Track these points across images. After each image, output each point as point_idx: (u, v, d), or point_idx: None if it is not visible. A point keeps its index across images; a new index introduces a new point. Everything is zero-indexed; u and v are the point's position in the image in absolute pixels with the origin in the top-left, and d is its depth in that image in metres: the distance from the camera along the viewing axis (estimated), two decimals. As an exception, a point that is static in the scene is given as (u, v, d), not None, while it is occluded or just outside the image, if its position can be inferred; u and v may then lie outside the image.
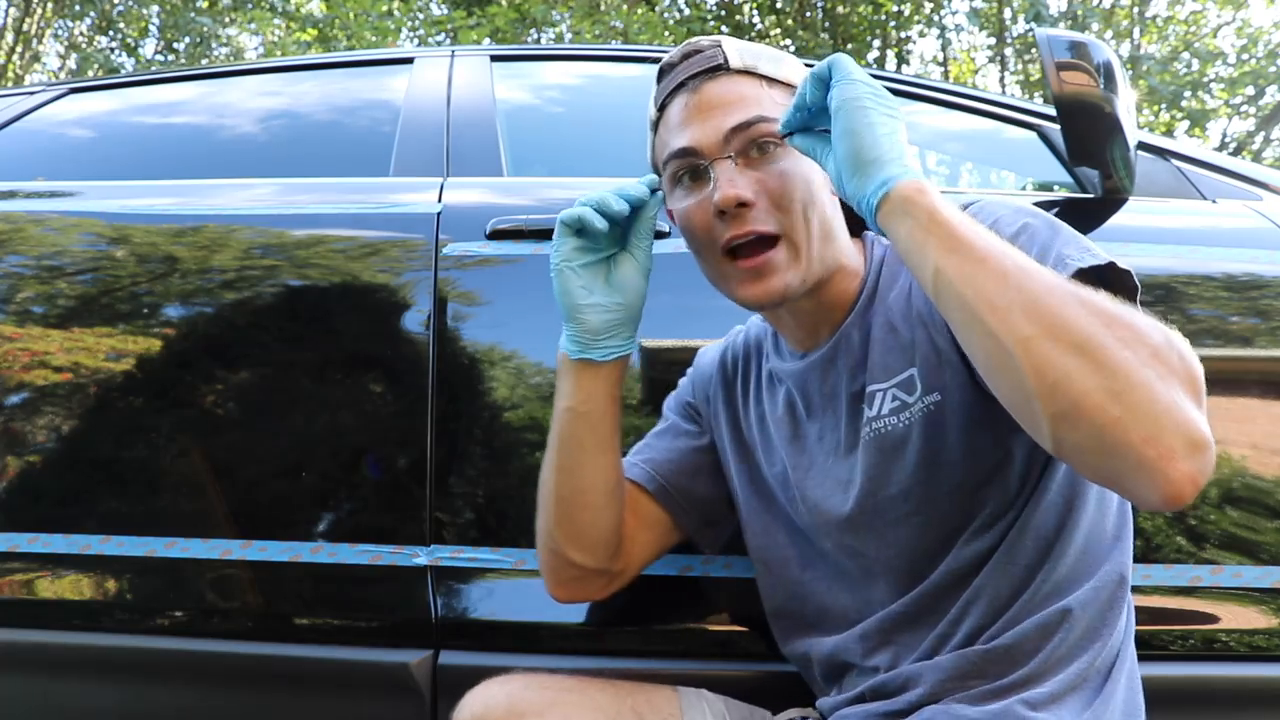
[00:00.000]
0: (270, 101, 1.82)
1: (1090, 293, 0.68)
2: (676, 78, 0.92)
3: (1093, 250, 0.78)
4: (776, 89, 0.90)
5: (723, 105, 0.88)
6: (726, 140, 0.87)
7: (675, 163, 0.91)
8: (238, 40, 9.06)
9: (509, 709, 0.94)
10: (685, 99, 0.90)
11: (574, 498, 0.97)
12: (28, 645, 1.24)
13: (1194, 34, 9.71)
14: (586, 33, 8.12)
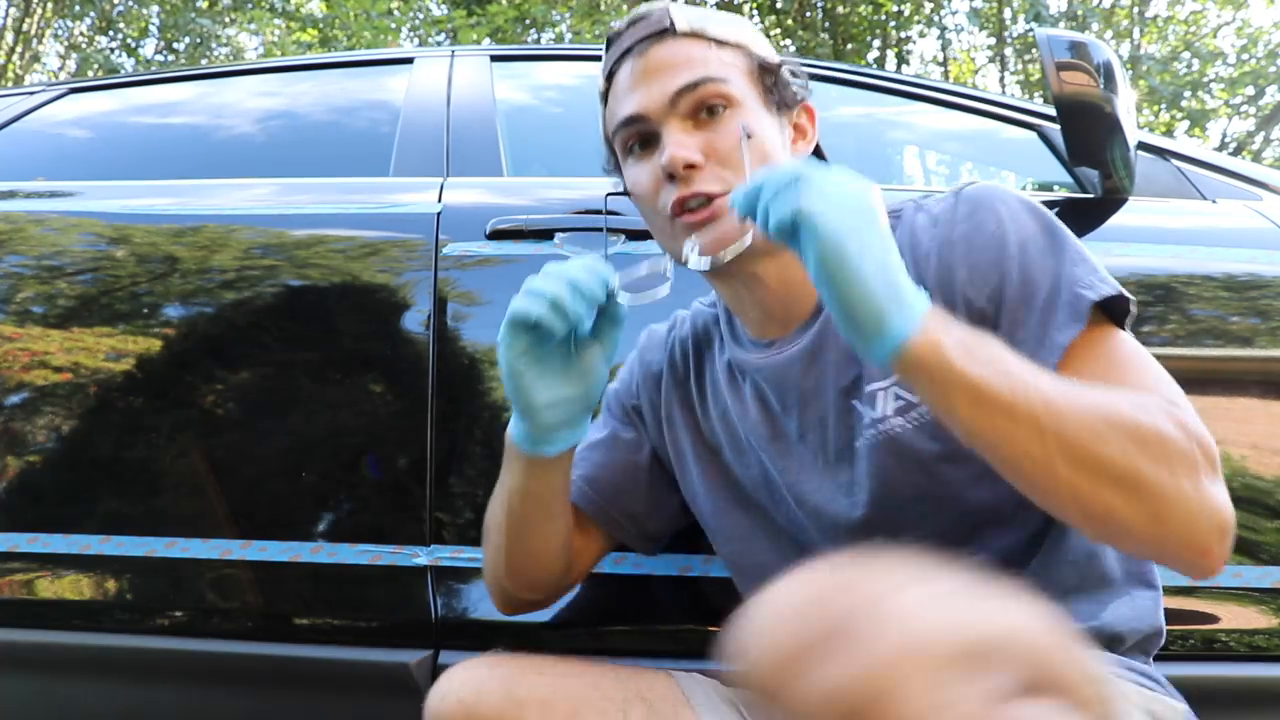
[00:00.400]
0: (270, 101, 1.82)
1: (1115, 406, 0.68)
2: (622, 44, 0.90)
3: (1097, 270, 0.78)
4: (726, 50, 0.88)
5: (669, 68, 0.86)
6: (673, 103, 0.85)
7: (624, 131, 0.88)
8: (237, 40, 9.06)
9: (506, 696, 0.86)
10: (631, 65, 0.88)
11: (526, 560, 0.95)
12: (28, 645, 1.24)
13: (1194, 34, 9.71)
14: (586, 33, 8.12)
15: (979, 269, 0.80)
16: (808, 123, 0.95)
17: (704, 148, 0.84)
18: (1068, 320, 0.76)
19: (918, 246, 0.84)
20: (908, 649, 0.48)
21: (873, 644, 0.48)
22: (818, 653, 0.49)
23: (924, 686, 0.46)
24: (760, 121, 0.87)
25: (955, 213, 0.83)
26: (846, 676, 0.47)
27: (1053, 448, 0.66)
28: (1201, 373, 1.25)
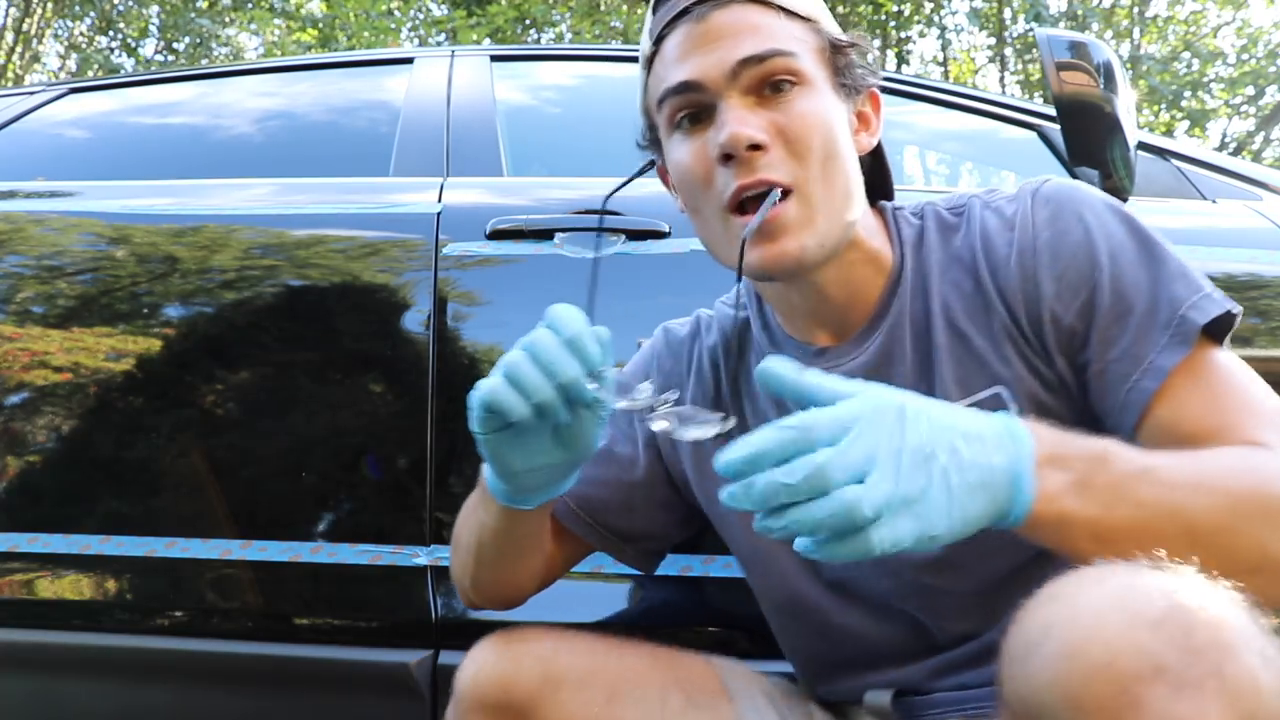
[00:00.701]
0: (270, 102, 1.82)
1: (1242, 486, 0.61)
2: (677, 5, 0.78)
3: (1201, 286, 0.72)
4: (795, 22, 0.78)
5: (733, 34, 0.75)
6: (734, 74, 0.75)
7: (674, 100, 0.78)
8: (237, 40, 9.06)
9: (543, 675, 0.82)
10: (688, 29, 0.77)
11: (494, 585, 0.91)
12: (28, 645, 1.24)
13: (1194, 34, 9.71)
14: (586, 33, 8.12)
15: (1066, 281, 0.74)
16: (872, 111, 0.86)
17: (769, 128, 0.75)
18: (1172, 343, 0.70)
19: (993, 251, 0.78)
20: (1275, 716, 0.45)
21: (1251, 699, 0.44)
22: (1176, 683, 0.44)
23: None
24: (829, 108, 0.78)
25: (1035, 216, 0.77)
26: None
27: (1181, 553, 0.55)
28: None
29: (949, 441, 0.56)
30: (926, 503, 0.55)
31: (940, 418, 0.57)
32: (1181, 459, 0.62)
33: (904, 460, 0.55)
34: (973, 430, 0.57)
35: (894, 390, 0.59)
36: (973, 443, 0.57)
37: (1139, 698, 0.44)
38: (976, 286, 0.78)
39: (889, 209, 0.86)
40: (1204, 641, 0.45)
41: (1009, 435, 0.58)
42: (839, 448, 0.54)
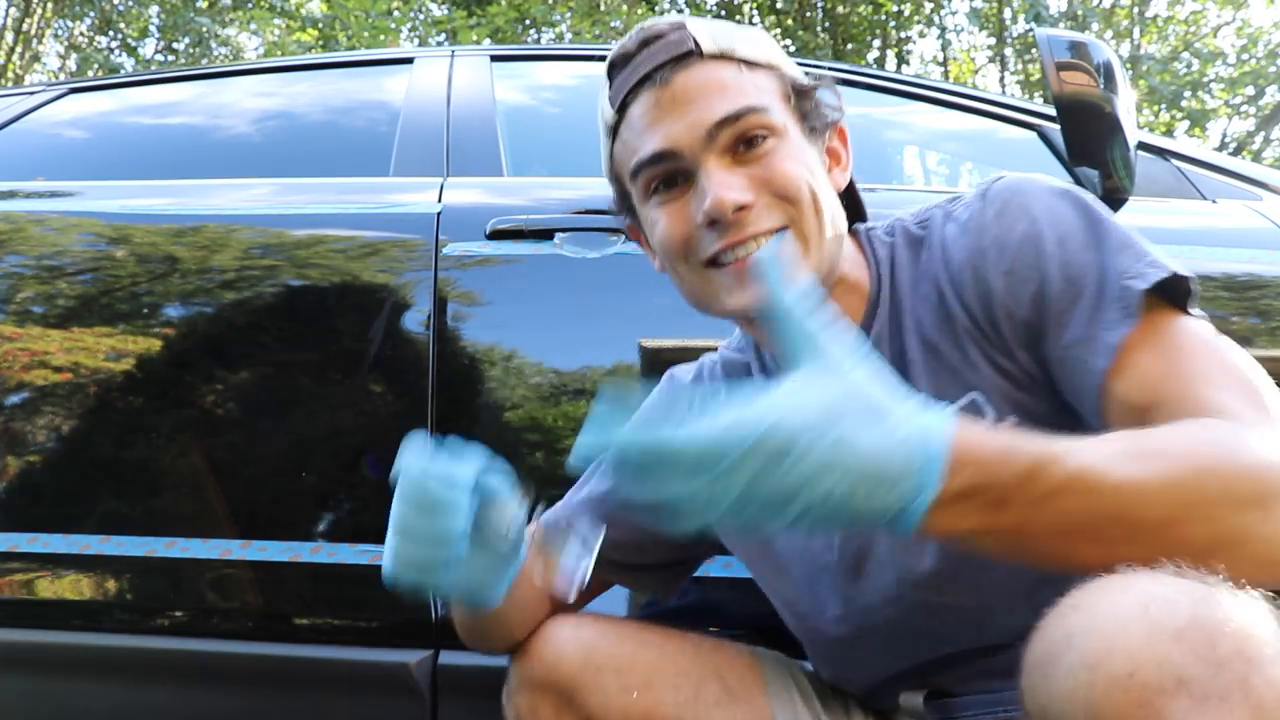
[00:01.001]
0: (270, 102, 1.82)
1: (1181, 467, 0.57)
2: (638, 70, 0.78)
3: (1145, 253, 0.71)
4: (758, 73, 0.78)
5: (701, 96, 0.75)
6: (710, 137, 0.75)
7: (649, 170, 0.78)
8: (237, 40, 9.06)
9: (585, 660, 0.86)
10: (653, 94, 0.76)
11: (484, 643, 0.92)
12: (28, 645, 1.24)
13: (1194, 34, 9.71)
14: (586, 33, 8.12)
15: (1016, 275, 0.74)
16: (840, 145, 0.86)
17: (751, 186, 0.75)
18: (1119, 318, 0.69)
19: (951, 262, 0.78)
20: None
21: (1275, 711, 0.43)
22: (1199, 696, 0.43)
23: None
24: (803, 154, 0.78)
25: (984, 216, 0.77)
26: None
27: (1126, 548, 0.55)
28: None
29: (821, 492, 0.53)
30: (763, 529, 0.55)
31: (830, 463, 0.52)
32: (1126, 447, 0.58)
33: (755, 504, 0.53)
34: (873, 472, 0.53)
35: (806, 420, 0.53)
36: (864, 489, 0.53)
37: (1161, 711, 0.43)
38: (940, 298, 0.78)
39: (862, 232, 0.86)
40: (1228, 653, 0.44)
41: (907, 476, 0.54)
42: (694, 486, 0.53)
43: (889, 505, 0.54)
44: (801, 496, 0.52)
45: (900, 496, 0.54)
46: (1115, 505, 0.56)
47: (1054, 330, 0.72)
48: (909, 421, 0.55)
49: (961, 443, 0.55)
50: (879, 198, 1.52)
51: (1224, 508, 0.56)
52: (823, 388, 0.55)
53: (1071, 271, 0.72)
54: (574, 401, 1.26)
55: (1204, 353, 0.68)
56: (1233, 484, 0.56)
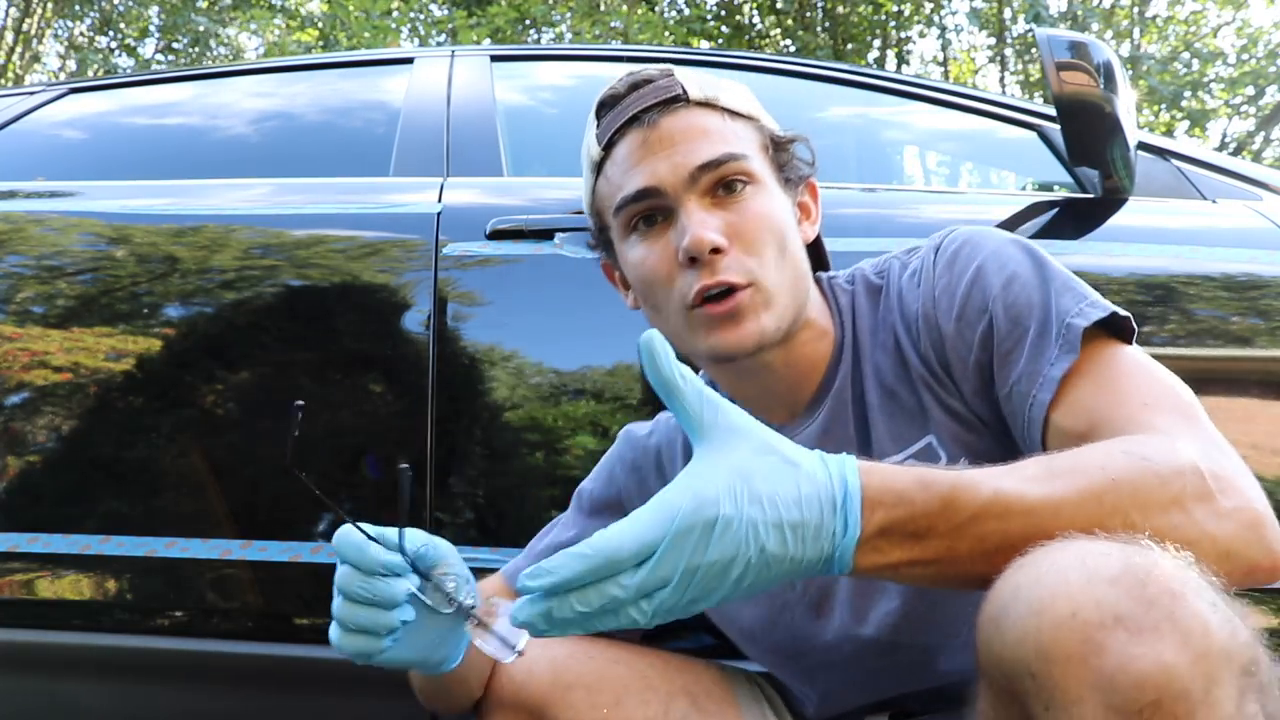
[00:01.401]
0: (270, 102, 1.82)
1: (1098, 481, 0.60)
2: (626, 111, 0.82)
3: (1086, 295, 0.74)
4: (739, 122, 0.83)
5: (685, 139, 0.80)
6: (693, 179, 0.79)
7: (632, 206, 0.81)
8: (237, 40, 9.06)
9: (554, 679, 0.88)
10: (639, 135, 0.81)
11: (450, 705, 0.93)
12: (28, 645, 1.24)
13: (1194, 34, 9.71)
14: (586, 33, 8.12)
15: (966, 319, 0.77)
16: (811, 200, 0.90)
17: (726, 230, 0.78)
18: (1061, 353, 0.72)
19: (906, 311, 0.82)
20: (1225, 653, 0.48)
21: (1201, 639, 0.47)
22: (1134, 629, 0.48)
23: (1229, 695, 0.47)
24: (777, 203, 0.82)
25: (935, 267, 0.81)
26: (1167, 661, 0.47)
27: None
28: (1201, 373, 1.24)
29: (758, 546, 0.56)
30: (711, 599, 0.58)
31: (758, 519, 0.56)
32: (1038, 470, 0.61)
33: (698, 576, 0.56)
34: (796, 523, 0.57)
35: (725, 485, 0.57)
36: (792, 540, 0.57)
37: (1101, 644, 0.48)
38: (897, 345, 0.82)
39: (825, 280, 0.89)
40: (1157, 591, 0.49)
41: (828, 520, 0.57)
42: (636, 581, 0.56)
43: (820, 550, 0.58)
44: (739, 558, 0.56)
45: (828, 540, 0.58)
46: (1032, 524, 0.58)
47: (1001, 368, 0.75)
48: (819, 468, 0.59)
49: (873, 482, 0.59)
50: (879, 197, 1.52)
51: (1140, 513, 0.58)
52: (730, 452, 0.59)
53: (1016, 311, 0.75)
54: (574, 401, 1.26)
55: (1139, 377, 0.71)
56: (1147, 490, 0.59)
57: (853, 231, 1.29)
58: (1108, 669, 0.47)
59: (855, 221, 1.32)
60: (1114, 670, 0.47)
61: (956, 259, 0.79)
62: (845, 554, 0.58)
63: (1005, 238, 0.80)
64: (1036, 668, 0.50)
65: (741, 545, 0.56)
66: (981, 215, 1.37)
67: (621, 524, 0.57)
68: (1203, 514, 0.59)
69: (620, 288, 0.92)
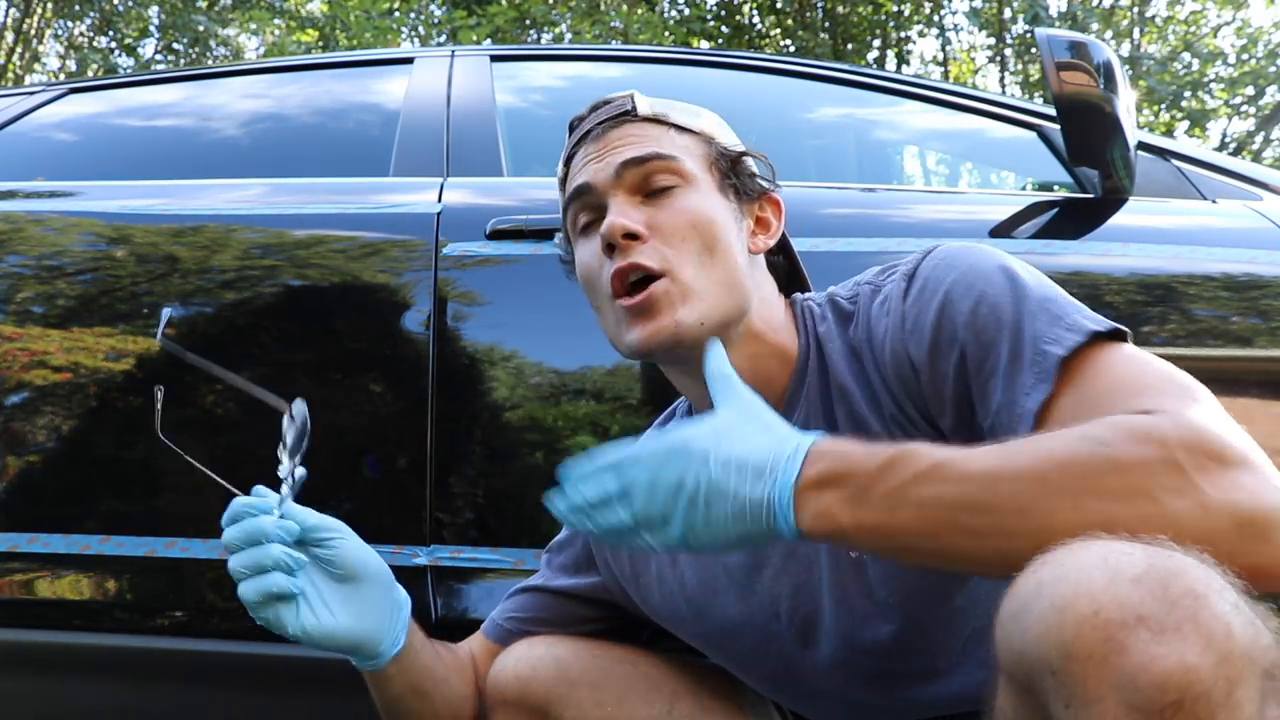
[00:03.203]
0: (270, 102, 1.82)
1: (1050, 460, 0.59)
2: (583, 128, 0.89)
3: (1064, 315, 0.70)
4: (684, 135, 0.86)
5: (621, 144, 0.84)
6: (619, 174, 0.83)
7: (574, 206, 0.87)
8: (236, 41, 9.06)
9: (559, 675, 0.89)
10: (588, 146, 0.87)
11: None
12: (28, 645, 1.24)
13: (1194, 34, 9.71)
14: (586, 33, 8.12)
15: (938, 351, 0.74)
16: (773, 215, 0.90)
17: (647, 222, 0.81)
18: (1034, 382, 0.68)
19: (874, 340, 0.80)
20: (1247, 655, 0.48)
21: (1224, 640, 0.47)
22: (1156, 629, 0.47)
23: (1251, 698, 0.47)
24: (710, 203, 0.83)
25: (906, 295, 0.78)
26: (1189, 662, 0.46)
27: (991, 540, 0.59)
28: (1201, 373, 1.24)
29: (706, 474, 0.65)
30: (676, 519, 0.66)
31: (711, 452, 0.66)
32: (996, 449, 0.62)
33: (658, 488, 0.66)
34: (744, 461, 0.65)
35: (705, 426, 0.68)
36: (736, 475, 0.65)
37: (1123, 643, 0.48)
38: (867, 377, 0.80)
39: (798, 301, 0.88)
40: (1180, 592, 0.49)
41: (775, 465, 0.65)
42: (617, 480, 0.68)
43: (760, 492, 0.64)
44: (689, 477, 0.65)
45: (767, 482, 0.64)
46: (966, 493, 0.59)
47: (980, 400, 0.72)
48: (789, 434, 0.67)
49: (822, 442, 0.66)
50: (879, 197, 1.52)
51: (1095, 499, 0.57)
52: (721, 413, 0.69)
53: (987, 336, 0.72)
54: (574, 401, 1.26)
55: (1121, 376, 0.67)
56: (1098, 477, 0.57)
57: (853, 231, 1.29)
58: (1129, 668, 0.47)
59: (855, 221, 1.32)
60: (1136, 670, 0.47)
61: (925, 287, 0.76)
62: (783, 497, 0.63)
63: (978, 255, 0.76)
64: (1058, 665, 0.49)
65: (692, 467, 0.65)
66: (981, 215, 1.37)
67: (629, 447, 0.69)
68: (1180, 506, 0.56)
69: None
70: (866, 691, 0.83)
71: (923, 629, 0.79)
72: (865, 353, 0.81)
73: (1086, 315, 0.71)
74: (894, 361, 0.77)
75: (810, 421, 0.82)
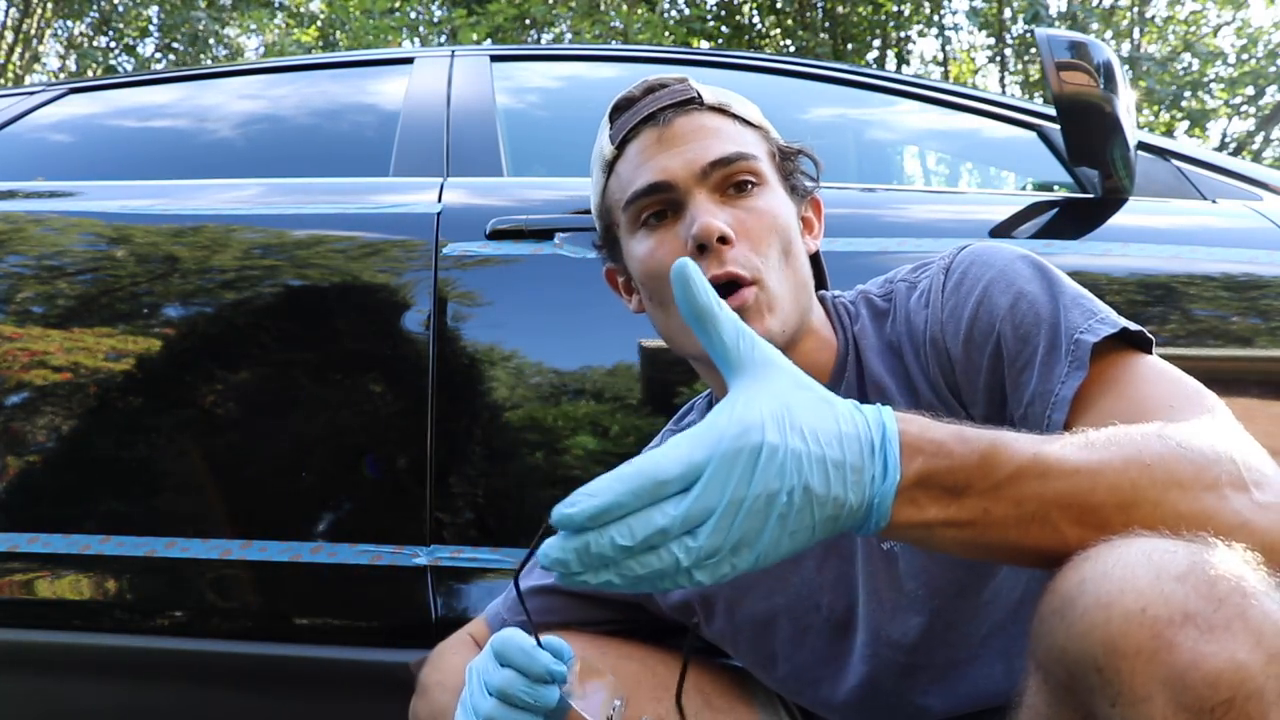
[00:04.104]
0: (270, 102, 1.82)
1: (1137, 454, 0.58)
2: (641, 111, 0.84)
3: (1097, 311, 0.73)
4: (749, 129, 0.85)
5: (698, 138, 0.81)
6: (705, 174, 0.80)
7: (643, 200, 0.82)
8: (236, 41, 9.06)
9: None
10: (654, 133, 0.82)
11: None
12: (28, 645, 1.24)
13: (1194, 34, 9.71)
14: (586, 33, 8.12)
15: (974, 341, 0.76)
16: (815, 216, 0.91)
17: (734, 225, 0.79)
18: (1070, 370, 0.70)
19: (914, 334, 0.82)
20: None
21: (1274, 639, 0.47)
22: (1204, 627, 0.47)
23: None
24: (784, 206, 0.83)
25: (944, 288, 0.80)
26: (1240, 660, 0.46)
27: (1081, 533, 0.57)
28: (1201, 373, 1.24)
29: (802, 482, 0.53)
30: (757, 544, 0.53)
31: (801, 451, 0.53)
32: (1077, 439, 0.60)
33: (743, 511, 0.52)
34: (837, 458, 0.54)
35: (769, 412, 0.54)
36: (832, 475, 0.54)
37: (1172, 641, 0.47)
38: (905, 370, 0.81)
39: (828, 298, 0.89)
40: (1227, 590, 0.48)
41: (867, 458, 0.55)
42: (683, 508, 0.52)
43: (861, 495, 0.55)
44: (783, 490, 0.53)
45: (868, 483, 0.55)
46: (1070, 488, 0.57)
47: (1014, 390, 0.74)
48: (854, 412, 0.57)
49: (910, 429, 0.57)
50: (879, 197, 1.52)
51: (1179, 492, 0.57)
52: (769, 383, 0.57)
53: (1025, 329, 0.74)
54: (574, 401, 1.26)
55: (1159, 383, 0.70)
56: (1182, 472, 0.58)
57: (852, 231, 1.29)
58: (1179, 666, 0.47)
59: (854, 222, 1.32)
60: (1186, 667, 0.47)
61: (964, 280, 0.79)
62: (884, 501, 0.55)
63: (1014, 254, 0.79)
64: (1104, 662, 0.49)
65: (786, 476, 0.53)
66: (981, 215, 1.37)
67: (663, 447, 0.54)
68: (1241, 504, 0.58)
69: (623, 294, 0.92)
70: (894, 685, 0.83)
71: (950, 622, 0.79)
72: (904, 348, 0.82)
73: (1116, 315, 0.73)
74: (933, 352, 0.79)
75: None
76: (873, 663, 0.83)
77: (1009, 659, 0.79)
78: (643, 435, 1.11)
